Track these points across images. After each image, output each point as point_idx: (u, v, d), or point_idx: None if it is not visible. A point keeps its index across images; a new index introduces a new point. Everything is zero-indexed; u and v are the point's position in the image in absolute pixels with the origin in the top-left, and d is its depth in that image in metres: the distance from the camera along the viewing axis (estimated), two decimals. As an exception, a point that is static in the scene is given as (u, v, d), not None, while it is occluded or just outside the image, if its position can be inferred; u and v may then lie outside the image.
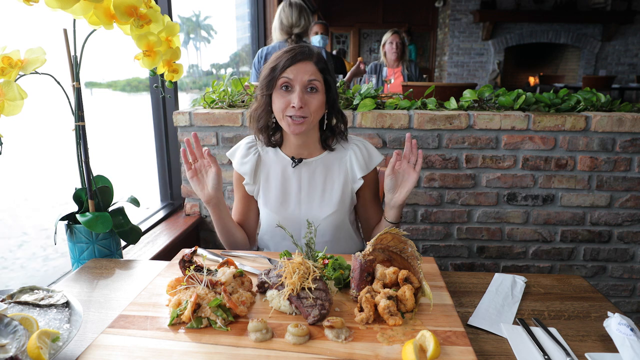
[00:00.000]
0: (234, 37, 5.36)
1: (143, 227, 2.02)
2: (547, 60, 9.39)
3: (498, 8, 8.40)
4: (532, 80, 9.11)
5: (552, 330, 0.95)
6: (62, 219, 1.35)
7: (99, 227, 1.29)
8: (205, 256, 1.25)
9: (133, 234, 1.42)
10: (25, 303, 0.93)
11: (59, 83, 1.22)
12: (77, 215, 1.31)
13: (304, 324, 0.86)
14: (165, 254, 1.83)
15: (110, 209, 1.40)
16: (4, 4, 1.55)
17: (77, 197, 1.38)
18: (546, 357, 0.86)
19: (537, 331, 0.95)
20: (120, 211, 1.41)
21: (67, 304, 0.93)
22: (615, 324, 0.91)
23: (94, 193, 1.35)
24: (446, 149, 2.13)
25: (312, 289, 0.93)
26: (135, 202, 1.47)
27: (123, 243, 1.49)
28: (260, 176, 1.44)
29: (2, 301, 0.93)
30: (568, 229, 2.21)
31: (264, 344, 0.84)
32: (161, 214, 2.24)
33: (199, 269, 1.02)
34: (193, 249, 1.12)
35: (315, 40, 3.89)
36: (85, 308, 1.02)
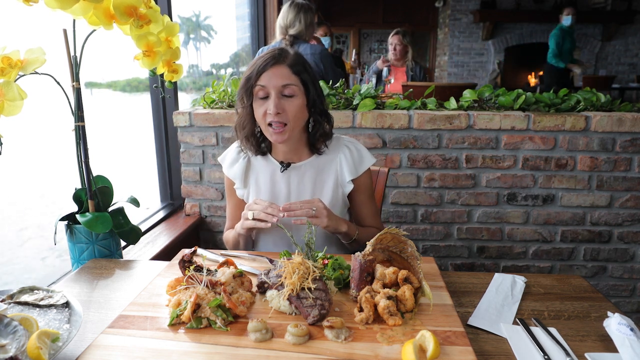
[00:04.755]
0: (234, 37, 5.37)
1: (143, 227, 2.02)
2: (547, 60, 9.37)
3: (498, 8, 8.39)
4: (532, 80, 9.10)
5: (552, 330, 0.95)
6: (62, 219, 1.35)
7: (99, 228, 1.29)
8: (205, 256, 1.25)
9: (133, 234, 1.42)
10: (25, 303, 0.93)
11: (58, 83, 1.22)
12: (77, 216, 1.31)
13: (304, 324, 0.86)
14: (165, 254, 1.83)
15: (110, 209, 1.40)
16: (4, 4, 1.55)
17: (77, 197, 1.38)
18: (546, 357, 0.85)
19: (537, 331, 0.95)
20: (120, 211, 1.41)
21: (67, 304, 0.93)
22: (615, 324, 0.91)
23: (94, 193, 1.35)
24: (446, 149, 2.13)
25: (312, 289, 0.93)
26: (135, 202, 1.47)
27: (123, 243, 1.49)
28: (250, 180, 1.43)
29: (2, 301, 0.93)
30: (568, 229, 2.21)
31: (264, 344, 0.84)
32: (161, 214, 2.24)
33: (199, 269, 1.02)
34: (193, 249, 1.12)
35: (325, 41, 3.89)
36: (85, 308, 1.02)
